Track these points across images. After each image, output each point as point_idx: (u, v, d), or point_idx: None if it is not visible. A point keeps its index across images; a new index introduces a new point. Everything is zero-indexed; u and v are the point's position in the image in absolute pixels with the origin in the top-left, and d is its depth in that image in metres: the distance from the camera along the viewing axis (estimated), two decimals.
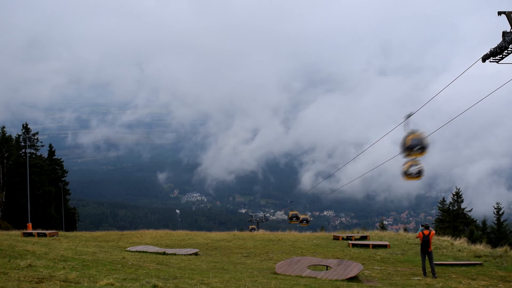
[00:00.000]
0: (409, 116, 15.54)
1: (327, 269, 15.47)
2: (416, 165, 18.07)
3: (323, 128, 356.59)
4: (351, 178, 23.67)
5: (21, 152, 58.45)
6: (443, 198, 50.89)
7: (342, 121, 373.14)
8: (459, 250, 23.12)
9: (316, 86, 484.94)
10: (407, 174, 18.01)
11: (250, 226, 53.92)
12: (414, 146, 15.70)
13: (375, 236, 28.82)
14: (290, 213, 34.44)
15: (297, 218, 34.12)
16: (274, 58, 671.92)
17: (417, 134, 15.63)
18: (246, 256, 21.35)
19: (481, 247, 24.03)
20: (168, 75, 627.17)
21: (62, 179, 63.61)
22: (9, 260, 11.16)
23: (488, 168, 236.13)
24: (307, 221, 37.88)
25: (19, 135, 59.95)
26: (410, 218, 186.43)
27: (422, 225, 16.94)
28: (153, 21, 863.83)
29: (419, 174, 17.95)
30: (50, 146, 64.31)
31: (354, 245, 24.56)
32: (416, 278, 15.45)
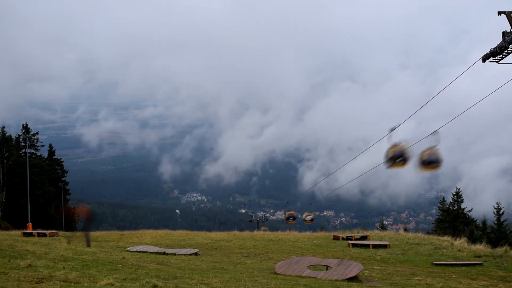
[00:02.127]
0: (393, 129, 16.23)
1: (327, 269, 15.47)
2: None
3: (331, 126, 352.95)
4: (351, 178, 23.61)
5: (21, 152, 58.47)
6: (443, 198, 50.99)
7: (353, 119, 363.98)
8: (459, 250, 23.14)
9: (334, 83, 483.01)
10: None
11: (263, 228, 53.17)
12: (396, 157, 16.37)
13: (375, 236, 28.82)
14: (287, 213, 34.43)
15: (294, 218, 34.28)
16: (297, 55, 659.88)
17: (400, 146, 16.33)
18: (246, 256, 21.35)
19: (481, 247, 24.04)
20: (176, 73, 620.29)
21: (62, 179, 63.61)
22: (9, 260, 11.15)
23: (496, 165, 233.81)
24: (312, 220, 37.00)
25: (19, 135, 59.99)
26: (410, 218, 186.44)
27: None
28: (167, 19, 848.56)
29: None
30: (50, 146, 64.32)
31: (354, 245, 24.57)
32: (416, 278, 15.45)
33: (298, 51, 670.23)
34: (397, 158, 16.30)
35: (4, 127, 57.26)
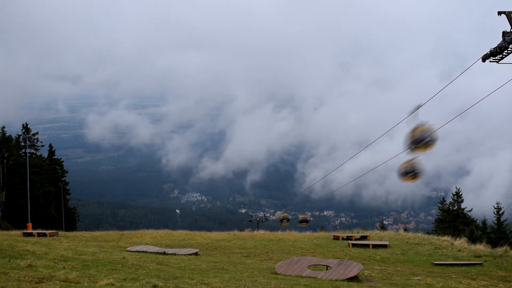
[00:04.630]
0: (418, 107, 14.67)
1: (327, 269, 15.48)
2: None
3: (337, 125, 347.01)
4: (352, 176, 23.72)
5: (21, 152, 58.47)
6: (443, 198, 50.98)
7: (374, 116, 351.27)
8: (459, 250, 23.14)
9: (356, 81, 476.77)
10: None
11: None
12: (421, 140, 14.97)
13: (375, 236, 28.83)
14: (281, 215, 35.39)
15: (288, 220, 35.18)
16: (326, 52, 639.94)
17: (425, 127, 14.99)
18: (246, 256, 21.36)
19: (481, 247, 24.05)
20: (184, 71, 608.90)
21: (62, 179, 63.59)
22: (9, 260, 11.16)
23: (507, 161, 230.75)
24: (307, 221, 37.53)
25: (19, 135, 59.97)
26: (410, 218, 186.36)
27: None
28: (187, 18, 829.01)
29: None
30: (50, 146, 64.31)
31: (354, 245, 24.58)
32: (416, 278, 15.45)
33: (327, 49, 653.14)
34: (422, 140, 15.04)
35: (4, 127, 57.31)
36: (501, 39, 11.10)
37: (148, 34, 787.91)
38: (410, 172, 15.94)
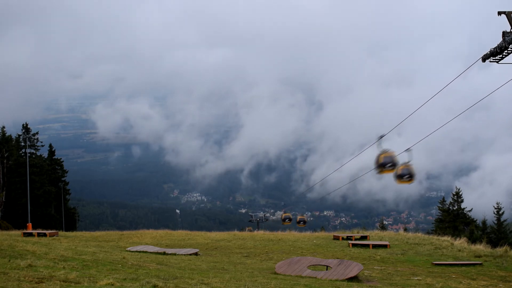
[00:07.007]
0: (381, 137, 17.33)
1: (327, 269, 15.48)
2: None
3: (347, 122, 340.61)
4: (352, 175, 23.77)
5: (21, 152, 58.49)
6: (443, 198, 50.99)
7: (377, 117, 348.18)
8: (459, 250, 23.14)
9: (378, 77, 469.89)
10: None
11: (247, 228, 51.93)
12: (385, 164, 17.27)
13: (375, 236, 28.83)
14: (283, 215, 36.12)
15: (290, 219, 36.01)
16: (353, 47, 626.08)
17: (388, 153, 17.44)
18: (246, 256, 21.36)
19: (481, 247, 24.05)
20: (191, 70, 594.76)
21: (62, 179, 63.61)
22: (9, 260, 11.17)
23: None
24: (304, 222, 38.34)
25: (19, 135, 59.99)
26: (410, 218, 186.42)
27: None
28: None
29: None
30: (50, 146, 64.31)
31: (354, 245, 24.59)
32: (416, 278, 15.45)
33: (354, 44, 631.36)
34: (386, 164, 17.30)
35: (4, 127, 57.34)
36: (501, 39, 11.11)
37: (160, 31, 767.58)
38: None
